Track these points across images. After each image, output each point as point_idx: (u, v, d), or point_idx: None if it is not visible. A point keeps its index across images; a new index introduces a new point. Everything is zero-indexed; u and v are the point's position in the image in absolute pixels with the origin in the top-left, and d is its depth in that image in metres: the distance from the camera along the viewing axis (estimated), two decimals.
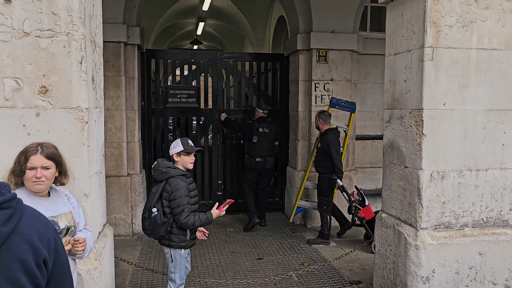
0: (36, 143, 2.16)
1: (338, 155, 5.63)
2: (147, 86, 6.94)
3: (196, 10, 11.67)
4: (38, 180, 2.05)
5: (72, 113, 2.71)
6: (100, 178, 3.21)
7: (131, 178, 6.22)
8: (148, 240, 6.06)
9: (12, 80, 2.62)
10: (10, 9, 2.57)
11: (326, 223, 5.85)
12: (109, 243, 3.28)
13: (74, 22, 2.65)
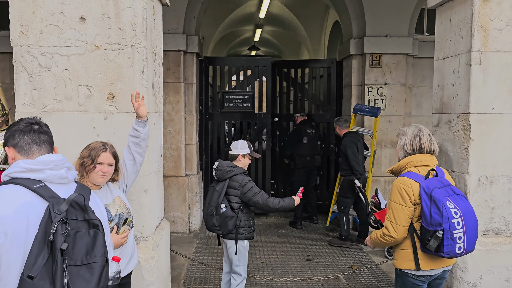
0: (101, 141, 2.48)
1: (354, 157, 5.77)
2: (205, 91, 7.31)
3: (253, 18, 12.01)
4: (103, 174, 2.37)
5: (133, 116, 3.02)
6: (158, 176, 3.52)
7: (188, 179, 6.60)
8: (204, 237, 6.39)
9: (85, 88, 2.99)
10: (84, 26, 2.95)
11: (343, 224, 6.00)
12: (165, 236, 3.58)
13: (137, 36, 2.98)
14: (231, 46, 15.60)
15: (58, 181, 1.64)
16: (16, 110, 2.99)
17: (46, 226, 1.48)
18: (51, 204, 1.52)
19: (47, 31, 2.95)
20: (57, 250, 1.46)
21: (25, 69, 2.97)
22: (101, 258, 1.55)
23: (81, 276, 1.50)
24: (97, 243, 1.57)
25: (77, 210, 1.56)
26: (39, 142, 1.69)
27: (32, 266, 1.44)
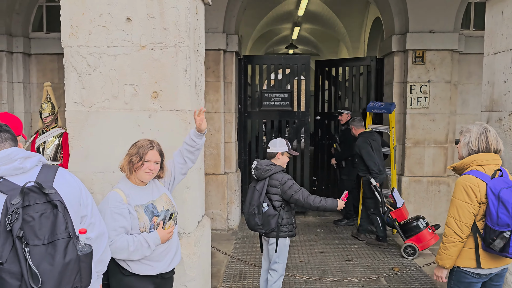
0: (148, 139, 2.54)
1: (369, 156, 5.75)
2: (244, 90, 7.35)
3: (291, 16, 11.95)
4: (150, 172, 2.42)
5: (177, 115, 3.08)
6: (200, 173, 3.57)
7: (227, 177, 6.66)
8: (242, 235, 6.44)
9: (130, 87, 3.07)
10: (130, 26, 3.03)
11: (378, 225, 5.88)
12: (206, 232, 3.62)
13: (181, 35, 3.03)
14: (268, 44, 15.61)
15: (15, 173, 1.78)
16: (67, 109, 3.11)
17: (5, 218, 1.64)
18: (8, 197, 1.68)
19: (95, 32, 3.05)
20: (15, 238, 1.63)
21: (75, 69, 3.08)
22: (63, 235, 1.72)
23: (48, 253, 1.68)
24: (58, 221, 1.72)
25: (38, 195, 1.71)
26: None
27: (1, 253, 1.63)
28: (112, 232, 2.27)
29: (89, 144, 3.11)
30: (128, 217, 2.33)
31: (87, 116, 3.09)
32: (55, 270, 1.69)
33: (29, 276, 1.63)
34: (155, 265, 2.44)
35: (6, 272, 1.63)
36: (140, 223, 2.37)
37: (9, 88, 6.46)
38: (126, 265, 2.37)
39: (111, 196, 2.38)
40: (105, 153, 3.10)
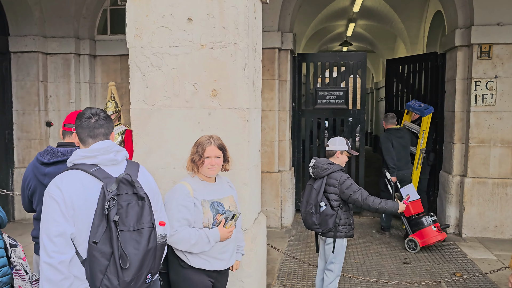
0: (207, 135, 2.60)
1: (387, 151, 6.05)
2: (298, 88, 7.32)
3: (346, 12, 11.73)
4: (212, 167, 2.48)
5: (236, 112, 3.13)
6: (257, 171, 3.60)
7: (281, 175, 6.66)
8: (296, 233, 6.42)
9: (191, 85, 3.16)
10: (191, 26, 3.11)
11: (382, 216, 6.31)
12: (262, 229, 3.65)
13: (239, 34, 3.07)
14: (322, 42, 15.42)
15: (109, 163, 1.99)
16: (131, 107, 3.25)
17: (103, 203, 1.84)
18: (105, 184, 1.88)
19: (158, 33, 3.16)
20: (111, 221, 1.82)
21: (139, 69, 3.22)
22: (148, 224, 1.91)
23: (133, 239, 1.86)
24: (144, 212, 1.92)
25: (127, 186, 1.91)
26: (94, 136, 2.03)
27: (95, 234, 1.83)
28: (175, 223, 2.36)
29: (151, 141, 3.23)
30: (193, 210, 2.40)
31: (150, 114, 3.21)
32: (139, 254, 1.85)
33: (120, 257, 1.81)
34: (212, 261, 2.48)
35: (98, 251, 1.81)
36: (204, 218, 2.44)
37: (76, 88, 6.87)
38: (185, 258, 2.45)
39: (178, 188, 2.46)
40: (167, 150, 3.21)
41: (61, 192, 1.86)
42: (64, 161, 2.49)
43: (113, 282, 1.82)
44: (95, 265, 1.82)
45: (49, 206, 1.87)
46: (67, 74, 6.81)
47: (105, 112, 2.10)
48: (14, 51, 6.62)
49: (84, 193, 1.89)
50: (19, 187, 6.63)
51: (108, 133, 2.07)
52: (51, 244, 1.81)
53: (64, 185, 1.87)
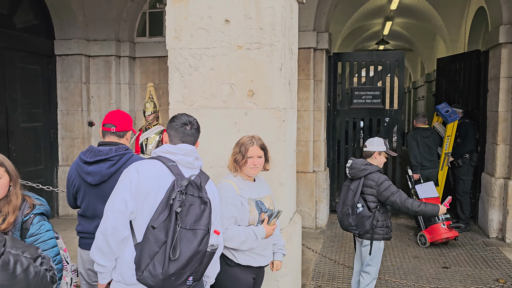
0: (249, 136, 2.64)
1: (410, 149, 6.31)
2: (333, 88, 7.26)
3: (383, 10, 11.50)
4: (255, 167, 2.53)
5: (272, 113, 3.15)
6: (292, 171, 3.61)
7: (316, 175, 6.63)
8: (330, 234, 6.37)
9: (228, 86, 3.20)
10: (228, 28, 3.16)
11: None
12: (298, 229, 3.65)
13: (276, 34, 3.09)
14: (358, 41, 15.19)
15: (186, 165, 2.13)
16: (170, 107, 3.33)
17: (170, 194, 1.96)
18: (177, 179, 2.01)
19: (196, 34, 3.23)
20: (173, 212, 1.92)
21: (178, 70, 3.30)
22: (204, 228, 1.98)
23: (187, 237, 1.94)
24: (203, 215, 1.99)
25: (195, 188, 2.01)
26: (184, 141, 2.19)
27: (156, 219, 1.94)
28: (225, 221, 2.40)
29: None
30: (240, 208, 2.46)
31: None
32: (188, 252, 1.92)
33: (171, 247, 1.90)
34: (257, 258, 2.55)
35: (153, 235, 1.93)
36: (251, 216, 2.49)
37: (116, 89, 7.10)
38: (232, 256, 2.50)
39: (225, 186, 2.50)
40: (204, 149, 3.26)
41: (138, 174, 2.03)
42: (105, 159, 2.59)
43: (157, 269, 1.90)
44: (147, 247, 1.93)
45: (123, 184, 2.05)
46: (108, 75, 7.05)
47: (197, 122, 2.29)
48: (59, 54, 6.92)
49: (157, 181, 2.03)
50: (63, 184, 6.93)
51: (195, 140, 2.25)
52: (112, 217, 1.98)
53: (142, 169, 2.05)
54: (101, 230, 2.00)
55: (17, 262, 1.11)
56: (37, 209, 2.14)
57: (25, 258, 1.15)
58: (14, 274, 1.09)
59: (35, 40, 6.62)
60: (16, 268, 1.10)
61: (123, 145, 2.70)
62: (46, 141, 6.95)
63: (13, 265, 1.10)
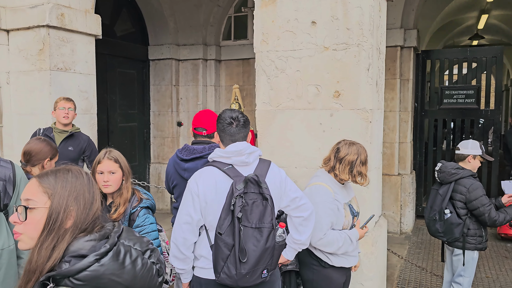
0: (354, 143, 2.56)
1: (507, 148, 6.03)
2: (421, 87, 6.92)
3: (478, 2, 10.69)
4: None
5: (358, 113, 3.11)
6: (378, 173, 3.52)
7: (401, 178, 6.38)
8: (416, 241, 6.09)
9: (313, 87, 3.22)
10: (315, 29, 3.18)
11: None
12: (383, 233, 3.56)
13: (364, 34, 3.04)
14: (448, 37, 14.27)
15: (241, 164, 2.14)
16: (257, 108, 3.44)
17: (230, 199, 2.01)
18: (234, 182, 2.04)
19: (283, 37, 3.29)
20: (235, 217, 1.98)
21: (264, 72, 3.39)
22: (268, 225, 2.04)
23: (254, 236, 2.01)
24: (266, 212, 2.05)
25: (254, 185, 2.05)
26: (234, 140, 2.20)
27: (221, 226, 2.02)
28: (324, 226, 2.40)
29: (274, 141, 3.38)
30: (336, 213, 2.45)
31: (274, 115, 3.36)
32: (257, 251, 2.00)
33: (239, 250, 1.98)
34: (349, 259, 2.56)
35: (222, 241, 2.02)
36: (345, 220, 2.50)
37: (203, 91, 7.45)
38: (326, 258, 2.51)
39: (322, 190, 2.47)
40: (289, 150, 3.32)
41: (197, 186, 2.11)
42: (200, 157, 2.76)
43: (231, 271, 2.01)
44: (218, 252, 2.04)
45: (186, 198, 2.15)
46: (196, 78, 7.42)
47: (243, 115, 2.27)
48: (152, 58, 7.44)
49: (215, 188, 2.10)
50: (154, 180, 7.44)
51: (246, 135, 2.25)
52: (180, 230, 2.11)
53: (200, 181, 2.13)
54: (173, 240, 2.14)
55: (127, 253, 1.20)
56: (144, 202, 2.34)
57: (135, 250, 1.23)
58: (123, 265, 1.17)
59: (132, 47, 7.18)
60: (125, 259, 1.18)
61: (214, 144, 2.85)
62: (140, 140, 7.50)
63: (123, 256, 1.18)
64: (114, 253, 1.17)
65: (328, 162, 2.58)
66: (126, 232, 1.30)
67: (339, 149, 2.54)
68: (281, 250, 2.19)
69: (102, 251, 1.15)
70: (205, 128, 2.91)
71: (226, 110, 2.27)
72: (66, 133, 3.84)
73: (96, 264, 1.13)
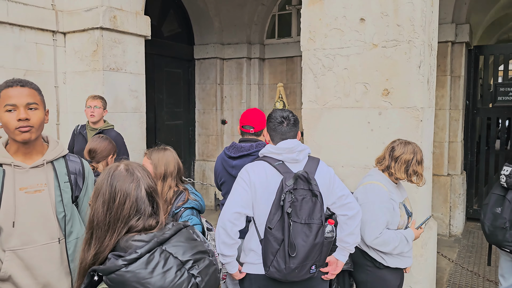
0: (411, 143, 2.53)
1: None
2: (473, 84, 6.63)
3: None
4: None
5: (408, 112, 3.03)
6: (428, 173, 3.41)
7: (451, 179, 6.15)
8: (467, 244, 5.86)
9: (361, 85, 3.17)
10: (363, 26, 3.13)
11: None
12: (433, 235, 3.45)
13: (415, 30, 2.96)
14: (502, 31, 13.54)
15: (291, 161, 2.17)
16: (303, 107, 3.43)
17: (280, 194, 2.04)
18: (284, 178, 2.06)
19: (330, 35, 3.26)
20: (285, 213, 2.01)
21: (311, 70, 3.37)
22: (317, 221, 2.06)
23: (303, 231, 2.03)
24: (316, 208, 2.06)
25: (304, 182, 2.06)
26: (284, 138, 2.23)
27: (271, 220, 2.06)
28: (380, 226, 2.38)
29: (321, 140, 3.36)
30: (392, 213, 2.43)
31: (320, 113, 3.34)
32: (306, 246, 2.02)
33: (288, 245, 2.00)
34: (404, 259, 2.51)
35: (271, 235, 2.05)
36: (401, 220, 2.46)
37: (247, 89, 7.51)
38: (381, 259, 2.48)
39: (378, 188, 2.45)
40: (335, 149, 3.29)
41: (249, 177, 2.16)
42: (247, 155, 2.80)
43: (280, 265, 2.03)
44: (268, 247, 2.06)
45: (237, 186, 2.19)
46: (240, 76, 7.49)
47: (293, 115, 2.29)
48: (197, 58, 7.58)
49: (266, 182, 2.13)
50: (199, 177, 7.59)
51: (295, 134, 2.27)
52: (229, 214, 2.12)
53: (252, 172, 2.18)
54: (221, 225, 2.14)
55: (160, 262, 1.15)
56: (189, 203, 2.29)
57: (174, 260, 1.18)
58: (152, 274, 1.13)
59: (179, 47, 7.35)
60: (156, 268, 1.14)
61: (261, 142, 2.88)
62: (185, 137, 7.68)
63: (154, 265, 1.14)
64: (145, 260, 1.14)
65: (382, 161, 2.56)
66: (179, 236, 1.25)
67: (394, 148, 2.51)
68: (330, 246, 2.18)
69: (131, 257, 1.13)
70: (252, 126, 2.94)
71: (276, 110, 2.30)
72: (95, 131, 3.94)
73: (123, 269, 1.12)
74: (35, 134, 1.78)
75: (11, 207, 1.75)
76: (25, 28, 4.28)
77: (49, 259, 1.83)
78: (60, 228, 1.86)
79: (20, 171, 1.79)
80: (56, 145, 1.92)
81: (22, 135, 1.74)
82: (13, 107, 1.73)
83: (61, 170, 1.88)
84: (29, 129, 1.74)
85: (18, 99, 1.73)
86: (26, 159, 1.82)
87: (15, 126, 1.73)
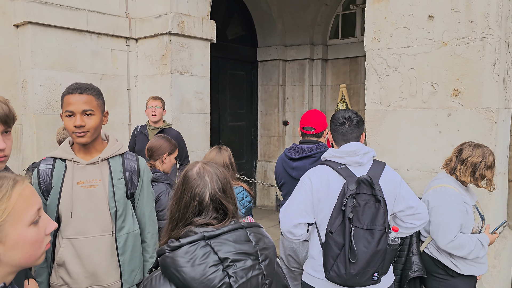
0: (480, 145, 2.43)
1: None
2: None
3: None
4: None
5: (481, 113, 2.86)
6: (503, 179, 3.20)
7: None
8: None
9: (429, 85, 3.04)
10: (432, 24, 3.00)
11: None
12: (508, 245, 3.22)
13: (490, 26, 2.79)
14: None
15: (354, 165, 2.12)
16: (366, 108, 3.36)
17: (342, 199, 2.00)
18: (346, 182, 2.02)
19: (396, 34, 3.16)
20: (346, 217, 1.97)
21: (375, 71, 3.29)
22: (380, 227, 1.99)
23: (365, 237, 1.97)
24: (378, 214, 1.99)
25: (367, 186, 2.01)
26: (346, 140, 2.18)
27: (332, 225, 2.02)
28: (454, 229, 2.32)
29: (384, 141, 3.26)
30: (465, 216, 2.35)
31: (384, 114, 3.25)
32: (368, 253, 1.96)
33: (349, 250, 1.96)
34: (478, 266, 2.41)
35: (332, 240, 2.02)
36: (475, 224, 2.37)
37: (309, 90, 7.47)
38: (454, 266, 2.39)
39: (449, 191, 2.39)
40: (400, 151, 3.18)
41: (311, 183, 2.12)
42: (308, 156, 2.79)
43: (341, 270, 1.99)
44: (329, 251, 2.03)
45: (298, 191, 2.17)
46: (302, 78, 7.47)
47: (357, 115, 2.24)
48: (260, 60, 7.67)
49: (327, 187, 2.10)
50: (260, 177, 7.67)
51: (359, 135, 2.21)
52: (291, 227, 2.11)
53: (314, 178, 2.14)
54: (284, 231, 2.16)
55: (196, 256, 1.17)
56: None
57: (213, 256, 1.19)
58: (187, 264, 1.16)
59: (242, 49, 7.49)
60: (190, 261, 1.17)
61: (322, 143, 2.85)
62: (248, 138, 7.80)
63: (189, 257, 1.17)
64: (185, 250, 1.19)
65: (449, 163, 2.47)
66: (231, 234, 1.26)
67: (462, 150, 2.41)
68: (394, 254, 2.11)
69: (174, 244, 1.20)
70: (313, 127, 2.93)
71: (339, 111, 2.27)
72: (157, 130, 4.13)
73: (167, 253, 1.20)
74: (90, 137, 1.94)
75: (69, 199, 1.92)
76: (102, 36, 4.60)
77: (99, 250, 1.96)
78: (112, 222, 1.98)
79: (78, 167, 1.96)
80: (114, 143, 2.06)
81: (78, 139, 1.92)
82: (71, 113, 1.89)
83: (116, 168, 2.01)
84: (83, 134, 1.91)
85: (75, 106, 1.89)
86: (86, 156, 1.99)
87: (72, 130, 1.91)
